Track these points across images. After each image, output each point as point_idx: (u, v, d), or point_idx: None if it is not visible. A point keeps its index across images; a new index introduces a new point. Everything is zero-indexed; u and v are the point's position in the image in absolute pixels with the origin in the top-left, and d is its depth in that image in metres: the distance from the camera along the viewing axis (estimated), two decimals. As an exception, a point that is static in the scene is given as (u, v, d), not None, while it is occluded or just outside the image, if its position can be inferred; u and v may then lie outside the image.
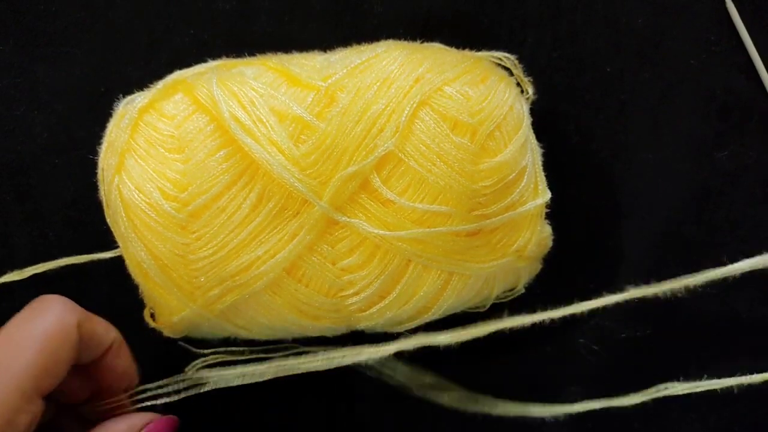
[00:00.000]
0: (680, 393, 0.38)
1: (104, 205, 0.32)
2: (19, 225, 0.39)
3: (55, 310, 0.27)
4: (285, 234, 0.30)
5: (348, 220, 0.30)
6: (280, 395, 0.39)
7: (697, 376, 0.38)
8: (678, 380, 0.38)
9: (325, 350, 0.34)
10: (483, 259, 0.31)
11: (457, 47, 0.34)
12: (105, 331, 0.29)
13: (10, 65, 0.39)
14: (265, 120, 0.30)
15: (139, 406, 0.32)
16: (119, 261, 0.33)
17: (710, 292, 0.36)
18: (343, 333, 0.34)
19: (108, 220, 0.32)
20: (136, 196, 0.30)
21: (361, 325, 0.33)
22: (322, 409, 0.39)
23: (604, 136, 0.39)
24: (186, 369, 0.34)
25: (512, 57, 0.35)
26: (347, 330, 0.33)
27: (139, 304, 0.33)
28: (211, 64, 0.34)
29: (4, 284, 0.38)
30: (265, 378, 0.33)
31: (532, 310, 0.37)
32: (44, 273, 0.38)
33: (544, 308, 0.38)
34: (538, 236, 0.33)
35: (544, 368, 0.39)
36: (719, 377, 0.38)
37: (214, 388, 0.33)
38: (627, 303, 0.38)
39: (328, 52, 0.33)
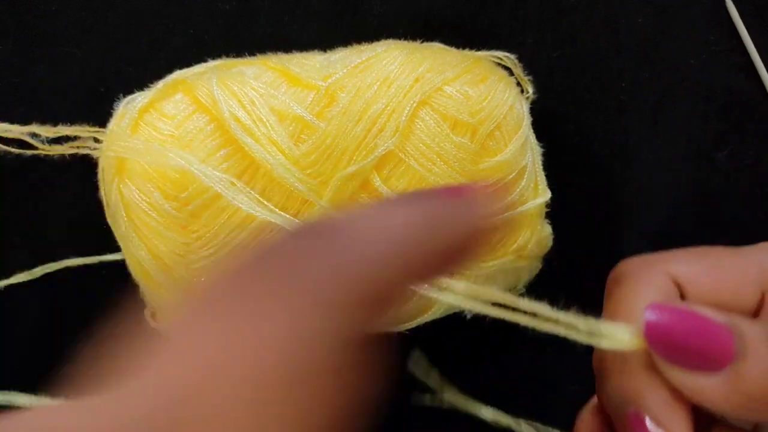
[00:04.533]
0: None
1: (104, 205, 0.32)
2: (19, 225, 0.39)
3: None
4: (285, 234, 0.30)
5: (348, 219, 0.30)
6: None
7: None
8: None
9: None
10: (483, 259, 0.31)
11: (457, 47, 0.34)
12: None
13: (10, 65, 0.38)
14: (265, 120, 0.30)
15: None
16: (120, 261, 0.33)
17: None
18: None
19: (108, 220, 0.32)
20: (136, 196, 0.30)
21: (362, 325, 0.33)
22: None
23: (604, 136, 0.39)
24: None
25: (512, 57, 0.35)
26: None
27: (139, 304, 0.33)
28: (211, 64, 0.34)
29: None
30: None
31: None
32: (45, 273, 0.38)
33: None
34: (538, 236, 0.33)
35: (544, 368, 0.39)
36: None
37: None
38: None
39: (328, 52, 0.33)
